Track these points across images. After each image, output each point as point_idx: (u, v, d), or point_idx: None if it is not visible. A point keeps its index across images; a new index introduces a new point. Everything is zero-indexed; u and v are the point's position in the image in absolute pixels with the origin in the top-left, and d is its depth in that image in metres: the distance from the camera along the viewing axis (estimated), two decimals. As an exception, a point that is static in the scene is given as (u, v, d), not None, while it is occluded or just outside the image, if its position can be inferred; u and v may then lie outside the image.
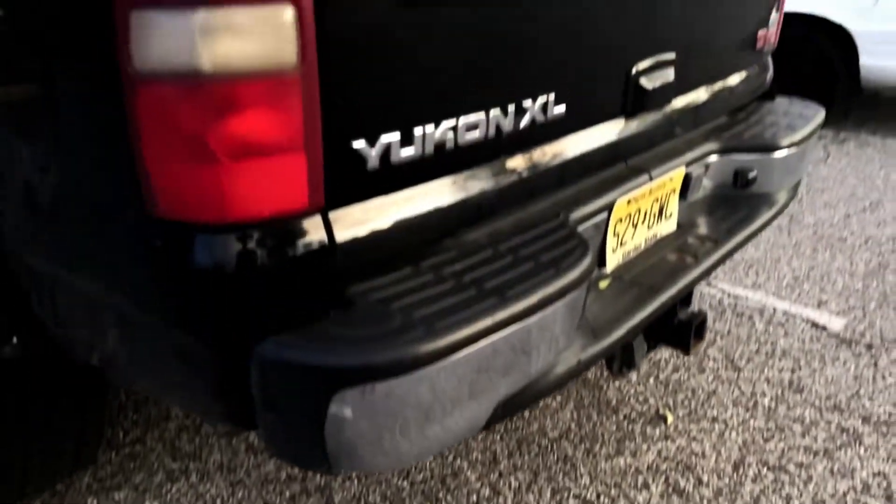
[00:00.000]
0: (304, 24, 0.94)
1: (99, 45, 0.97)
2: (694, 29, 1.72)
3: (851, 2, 4.80)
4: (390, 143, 1.10)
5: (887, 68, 4.78)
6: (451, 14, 1.13)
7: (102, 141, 1.04)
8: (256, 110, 0.95)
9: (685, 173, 1.78)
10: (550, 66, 1.34)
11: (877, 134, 5.04)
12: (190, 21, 0.89)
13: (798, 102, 2.22)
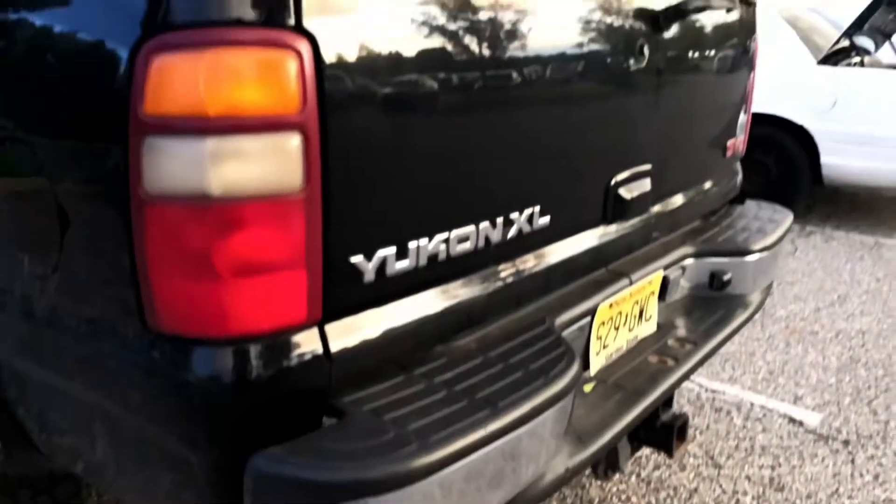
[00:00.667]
0: (310, 150, 1.00)
1: (109, 166, 1.01)
2: (668, 142, 1.82)
3: (811, 104, 5.08)
4: (386, 257, 1.15)
5: (846, 166, 5.02)
6: (446, 136, 1.20)
7: (105, 255, 1.07)
8: (260, 230, 0.99)
9: (663, 276, 1.84)
10: (536, 181, 1.41)
11: (840, 228, 5.23)
12: (201, 148, 0.94)
13: (767, 206, 2.33)
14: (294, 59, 0.97)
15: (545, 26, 1.36)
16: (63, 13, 1.08)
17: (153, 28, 0.95)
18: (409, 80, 1.12)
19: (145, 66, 0.94)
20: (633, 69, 1.59)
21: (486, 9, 1.22)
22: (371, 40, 1.06)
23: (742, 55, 2.16)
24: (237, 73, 0.94)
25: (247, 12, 0.94)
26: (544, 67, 1.36)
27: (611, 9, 1.52)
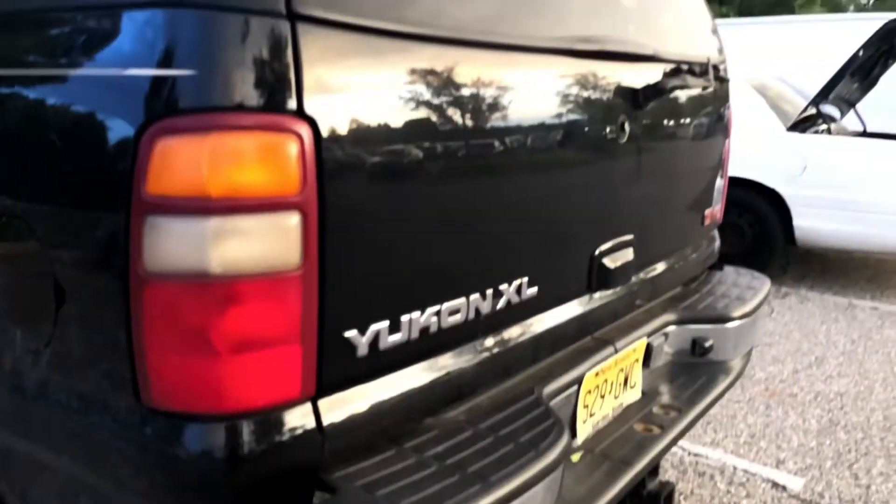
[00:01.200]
0: (308, 228, 1.02)
1: (109, 243, 1.03)
2: (649, 212, 1.88)
3: (782, 170, 5.24)
4: (379, 331, 1.16)
5: (817, 229, 5.15)
6: (439, 210, 1.24)
7: (101, 330, 1.08)
8: (258, 307, 1.01)
9: (647, 344, 1.87)
10: (524, 253, 1.44)
11: (814, 289, 5.33)
12: (203, 227, 0.96)
13: (745, 273, 2.38)
14: (295, 142, 1.00)
15: (533, 105, 1.41)
16: (66, 90, 1.10)
17: (158, 111, 0.98)
18: (403, 159, 1.16)
19: (149, 148, 0.97)
20: (616, 144, 1.65)
21: (475, 89, 1.27)
22: (365, 120, 1.10)
23: (717, 125, 2.25)
24: (240, 155, 0.97)
25: (250, 98, 0.97)
26: (533, 144, 1.41)
27: (594, 87, 1.58)
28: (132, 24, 1.02)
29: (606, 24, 1.65)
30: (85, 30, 1.09)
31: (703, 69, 1.94)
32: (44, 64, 1.13)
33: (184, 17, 0.98)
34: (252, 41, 0.97)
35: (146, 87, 0.99)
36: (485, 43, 1.29)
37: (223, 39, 0.97)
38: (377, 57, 1.12)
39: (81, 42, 1.09)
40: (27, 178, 1.13)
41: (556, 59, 1.48)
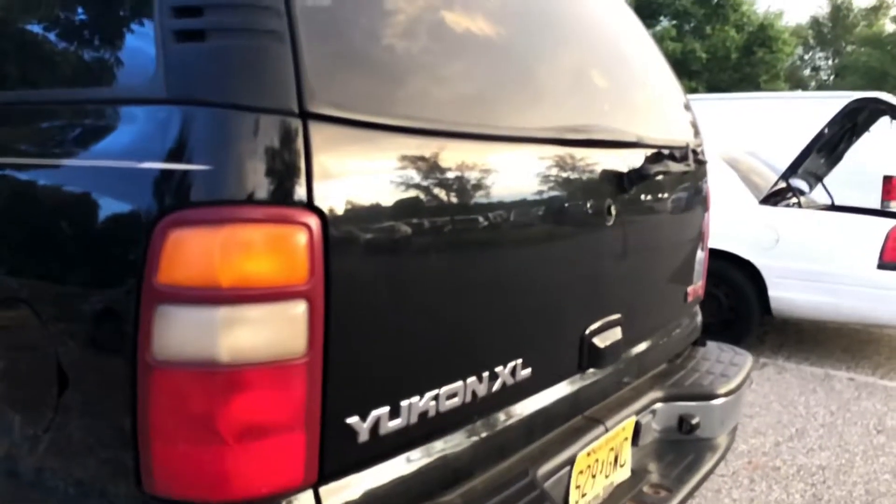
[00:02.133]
0: (314, 316, 1.05)
1: (116, 331, 1.04)
2: (635, 291, 1.93)
3: (756, 241, 5.37)
4: (380, 417, 1.18)
5: (791, 300, 5.25)
6: (439, 296, 1.27)
7: (104, 417, 1.08)
8: (264, 394, 1.02)
9: (636, 422, 1.89)
10: (518, 335, 1.48)
11: (791, 359, 5.39)
12: (213, 317, 0.99)
13: (727, 348, 2.43)
14: (304, 233, 1.03)
15: (527, 192, 1.47)
16: (80, 179, 1.13)
17: (171, 203, 1.01)
18: (405, 247, 1.20)
19: (162, 238, 0.99)
20: (604, 226, 1.71)
21: (474, 178, 1.32)
22: (369, 209, 1.14)
23: (697, 202, 2.33)
24: (251, 246, 1.00)
25: (262, 191, 1.01)
26: (527, 228, 1.46)
27: (583, 173, 1.65)
28: (149, 119, 1.06)
29: (593, 113, 1.73)
30: (102, 122, 1.13)
31: (683, 153, 2.02)
32: (59, 153, 1.16)
33: (200, 114, 1.02)
34: (265, 138, 1.02)
35: (160, 179, 1.02)
36: (482, 135, 1.36)
37: (238, 136, 1.01)
38: (382, 150, 1.17)
39: (98, 133, 1.13)
40: (34, 263, 1.15)
41: (547, 148, 1.54)
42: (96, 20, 1.18)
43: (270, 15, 1.05)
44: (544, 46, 1.65)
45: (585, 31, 1.93)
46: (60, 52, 1.21)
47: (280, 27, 1.05)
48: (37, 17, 1.25)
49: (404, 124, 1.19)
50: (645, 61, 2.22)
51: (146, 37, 1.07)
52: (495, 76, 1.45)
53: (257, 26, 1.04)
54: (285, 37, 1.05)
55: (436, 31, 1.33)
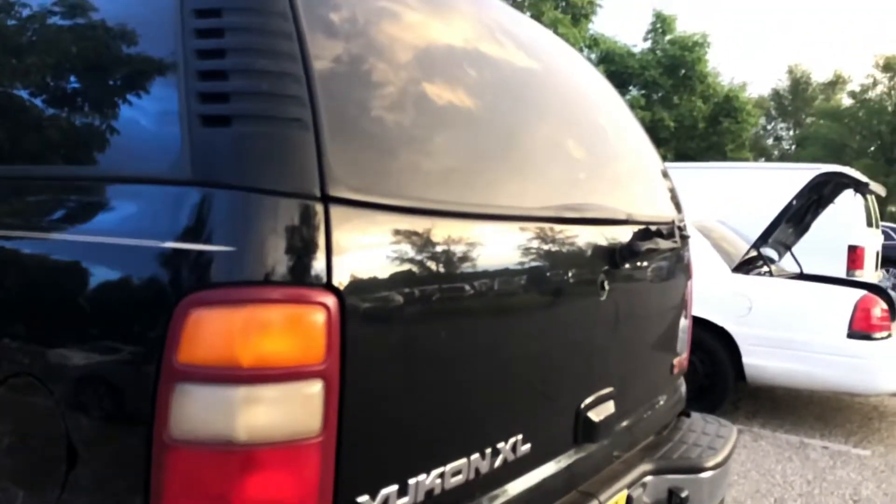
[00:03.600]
0: (330, 395, 1.07)
1: (131, 409, 1.04)
2: (626, 364, 1.97)
3: (730, 308, 5.47)
4: (388, 495, 1.18)
5: (765, 367, 5.33)
6: (448, 375, 1.30)
7: (114, 495, 1.07)
8: (279, 474, 1.03)
9: (627, 495, 1.90)
10: (520, 410, 1.50)
11: (766, 427, 5.44)
12: (232, 396, 1.00)
13: (712, 420, 2.46)
14: (322, 313, 1.06)
15: (529, 270, 1.51)
16: (101, 256, 1.14)
17: (193, 283, 1.03)
18: (417, 327, 1.23)
19: (183, 318, 1.01)
20: (597, 301, 1.75)
21: (480, 258, 1.36)
22: (384, 289, 1.17)
23: (682, 272, 2.40)
24: (271, 327, 1.02)
25: (282, 272, 1.04)
26: (528, 307, 1.51)
27: (578, 252, 1.70)
28: (173, 199, 1.09)
29: (588, 191, 1.80)
30: (125, 200, 1.15)
31: (669, 229, 2.09)
32: (80, 230, 1.17)
33: (224, 196, 1.05)
34: (287, 221, 1.05)
35: (183, 259, 1.04)
36: (487, 214, 1.41)
37: (260, 219, 1.04)
38: (395, 230, 1.21)
39: (121, 211, 1.15)
40: (47, 337, 1.15)
41: (546, 226, 1.59)
42: (122, 100, 1.21)
43: (295, 104, 1.09)
44: (542, 128, 1.73)
45: (578, 110, 2.02)
46: (84, 129, 1.24)
47: (304, 115, 1.09)
48: (64, 94, 1.28)
49: (417, 206, 1.23)
50: (629, 136, 2.32)
51: (172, 119, 1.10)
52: (499, 159, 1.51)
53: (282, 114, 1.08)
54: (309, 124, 1.09)
55: (448, 119, 1.40)
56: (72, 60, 1.29)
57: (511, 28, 1.89)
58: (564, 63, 2.14)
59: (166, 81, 1.12)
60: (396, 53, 1.34)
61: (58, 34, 1.34)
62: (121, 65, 1.23)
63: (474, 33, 1.67)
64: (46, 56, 1.33)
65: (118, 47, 1.23)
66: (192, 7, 1.14)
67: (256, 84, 1.09)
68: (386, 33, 1.35)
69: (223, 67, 1.09)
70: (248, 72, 1.09)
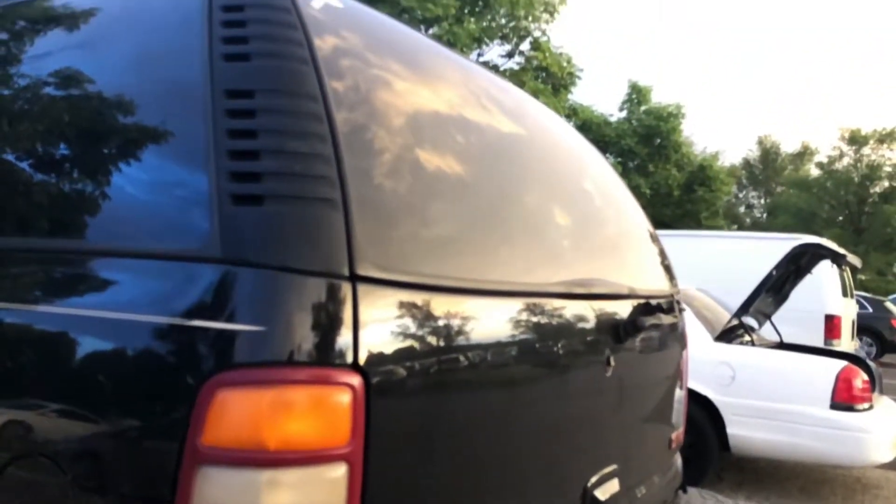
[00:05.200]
0: (353, 478, 1.05)
1: (152, 492, 1.02)
2: (629, 441, 1.96)
3: (714, 377, 5.48)
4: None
5: (749, 437, 5.32)
6: (465, 452, 1.28)
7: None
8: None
9: (632, 576, 1.87)
10: (530, 491, 1.48)
11: (752, 499, 5.39)
12: (257, 480, 0.98)
13: (709, 496, 2.45)
14: (348, 394, 1.05)
15: (544, 351, 1.52)
16: (124, 333, 1.12)
17: (219, 364, 1.02)
18: (438, 406, 1.23)
19: (209, 398, 1.00)
20: (603, 378, 1.76)
21: (506, 337, 1.38)
22: (408, 368, 1.16)
23: (679, 343, 2.42)
24: (297, 409, 1.02)
25: (310, 353, 1.03)
26: (541, 385, 1.52)
27: (586, 328, 1.72)
28: (202, 277, 1.08)
29: (592, 266, 1.83)
30: (151, 276, 1.14)
31: (669, 303, 2.12)
32: (102, 305, 1.16)
33: (253, 275, 1.05)
34: (316, 301, 1.05)
35: (209, 339, 1.03)
36: (504, 291, 1.42)
37: (289, 299, 1.04)
38: (419, 308, 1.21)
39: (146, 288, 1.14)
40: (63, 416, 1.13)
41: (557, 301, 1.61)
42: (152, 177, 1.22)
43: (325, 184, 1.11)
44: (548, 201, 1.77)
45: (577, 180, 2.07)
46: (111, 203, 1.23)
47: (334, 195, 1.10)
48: (94, 168, 1.28)
49: (438, 283, 1.24)
50: (621, 202, 2.36)
51: (202, 196, 1.10)
52: (513, 234, 1.54)
53: (313, 194, 1.10)
54: (338, 204, 1.10)
55: (467, 197, 1.43)
56: (103, 136, 1.30)
57: (515, 102, 1.95)
58: (564, 135, 2.20)
59: (197, 159, 1.13)
60: (421, 134, 1.37)
61: (88, 107, 1.35)
62: (152, 142, 1.24)
63: (490, 112, 1.72)
64: (78, 131, 1.34)
65: (150, 125, 1.25)
66: (224, 88, 1.16)
67: (289, 164, 1.10)
68: (410, 114, 1.38)
69: (255, 147, 1.11)
70: (281, 152, 1.11)
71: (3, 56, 1.54)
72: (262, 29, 1.21)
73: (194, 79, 1.19)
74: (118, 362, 1.11)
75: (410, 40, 1.67)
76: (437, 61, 1.69)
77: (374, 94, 1.32)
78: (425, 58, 1.66)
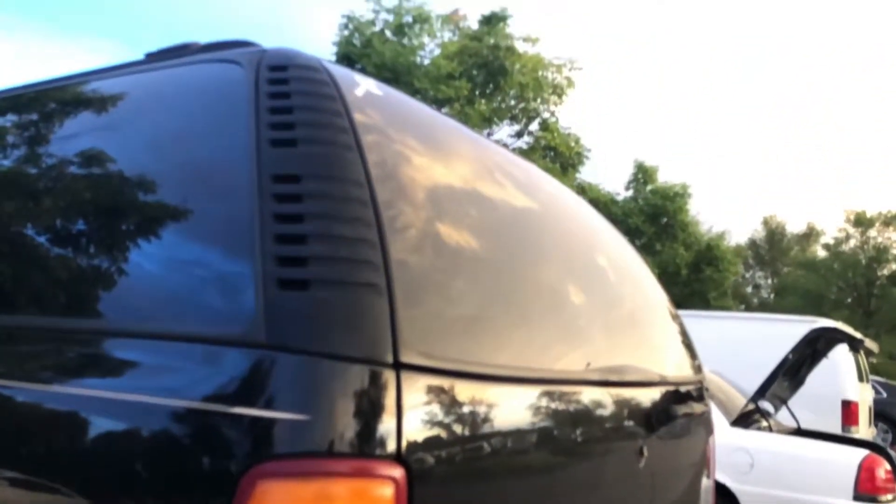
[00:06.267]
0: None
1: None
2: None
3: (731, 463, 5.33)
4: None
5: (770, 527, 5.13)
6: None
7: None
8: None
9: None
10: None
11: None
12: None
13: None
14: (391, 487, 1.02)
15: (583, 440, 1.49)
16: (161, 417, 1.09)
17: (261, 453, 0.99)
18: (476, 494, 1.18)
19: (250, 490, 0.97)
20: (637, 468, 1.71)
21: (544, 428, 1.36)
22: (448, 457, 1.13)
23: (705, 429, 2.36)
24: (339, 502, 0.98)
25: (354, 444, 1.00)
26: (577, 476, 1.47)
27: (619, 416, 1.68)
28: (244, 363, 1.06)
29: (626, 353, 1.81)
30: (191, 361, 1.12)
31: (698, 391, 2.08)
32: (139, 390, 1.13)
33: (297, 362, 1.03)
34: (360, 389, 1.03)
35: (251, 426, 1.01)
36: (545, 379, 1.40)
37: (333, 387, 1.02)
38: (461, 396, 1.19)
39: (185, 373, 1.11)
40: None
41: (593, 389, 1.58)
42: (196, 259, 1.22)
43: (371, 269, 1.10)
44: (583, 285, 1.76)
45: (603, 264, 2.06)
46: (154, 283, 1.23)
47: (379, 280, 1.10)
48: (135, 250, 1.29)
49: (480, 371, 1.22)
50: (645, 286, 2.35)
51: (247, 280, 1.10)
52: (550, 320, 1.52)
53: (359, 279, 1.09)
54: (383, 289, 1.09)
55: (505, 283, 1.42)
56: (149, 217, 1.31)
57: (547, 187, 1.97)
58: (587, 214, 2.21)
59: (242, 243, 1.13)
60: (459, 218, 1.37)
61: (134, 189, 1.37)
62: (197, 224, 1.25)
63: (518, 194, 1.74)
64: (123, 212, 1.36)
65: (194, 207, 1.25)
66: (271, 172, 1.17)
67: (335, 249, 1.10)
68: (450, 199, 1.39)
69: (302, 232, 1.11)
70: (327, 237, 1.11)
71: (50, 135, 1.58)
72: (308, 115, 1.23)
73: (241, 163, 1.20)
74: (154, 448, 1.08)
75: (446, 126, 1.70)
76: (472, 147, 1.72)
77: (415, 179, 1.33)
78: (460, 143, 1.69)
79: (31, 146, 1.61)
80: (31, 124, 1.69)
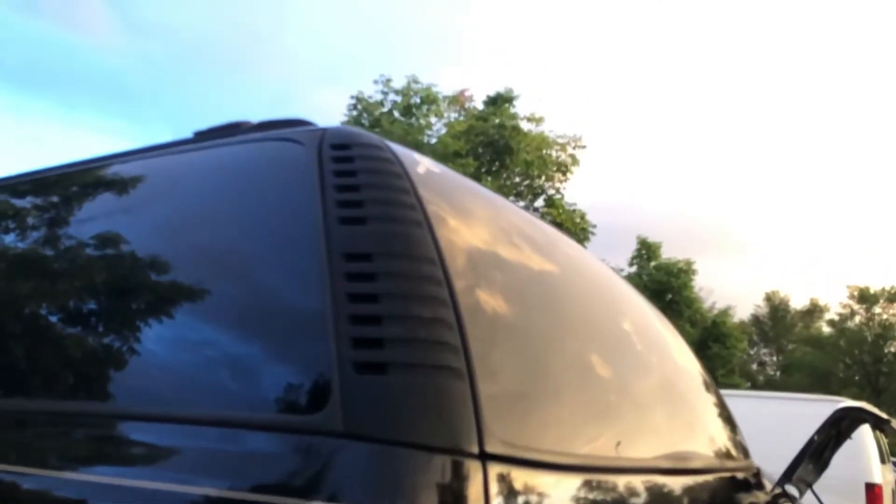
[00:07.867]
0: None
1: None
2: None
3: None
4: None
5: None
6: None
7: None
8: None
9: None
10: None
11: None
12: None
13: None
14: None
15: None
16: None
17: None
18: None
19: None
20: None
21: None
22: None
23: None
24: None
25: None
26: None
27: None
28: (319, 452, 0.99)
29: (689, 440, 1.73)
30: (262, 450, 1.05)
31: (757, 479, 1.99)
32: (201, 482, 1.06)
33: (379, 452, 0.97)
34: (445, 482, 0.96)
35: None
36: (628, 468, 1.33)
37: (417, 480, 0.95)
38: (545, 489, 1.11)
39: (255, 463, 1.04)
40: None
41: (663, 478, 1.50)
42: (265, 343, 1.16)
43: (449, 351, 1.04)
44: (647, 371, 1.70)
45: (663, 350, 2.01)
46: (221, 369, 1.17)
47: (458, 363, 1.04)
48: (204, 334, 1.24)
49: (562, 462, 1.15)
50: (692, 367, 2.27)
51: (321, 363, 1.04)
52: (622, 406, 1.46)
53: (438, 362, 1.03)
54: (464, 373, 1.04)
55: (580, 366, 1.37)
56: (215, 300, 1.26)
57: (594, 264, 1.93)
58: (639, 298, 2.16)
59: (314, 324, 1.08)
60: (527, 295, 1.33)
61: (198, 270, 1.32)
62: (265, 306, 1.20)
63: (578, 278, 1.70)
64: (188, 294, 1.31)
65: (262, 287, 1.21)
66: (342, 251, 1.13)
67: (412, 330, 1.05)
68: (517, 274, 1.35)
69: (377, 313, 1.06)
70: (404, 317, 1.06)
71: (103, 210, 1.55)
72: (376, 193, 1.20)
73: (309, 242, 1.16)
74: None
75: (497, 202, 1.68)
76: (525, 223, 1.70)
77: (483, 255, 1.29)
78: (514, 218, 1.66)
79: (82, 226, 1.58)
80: (82, 203, 1.66)
